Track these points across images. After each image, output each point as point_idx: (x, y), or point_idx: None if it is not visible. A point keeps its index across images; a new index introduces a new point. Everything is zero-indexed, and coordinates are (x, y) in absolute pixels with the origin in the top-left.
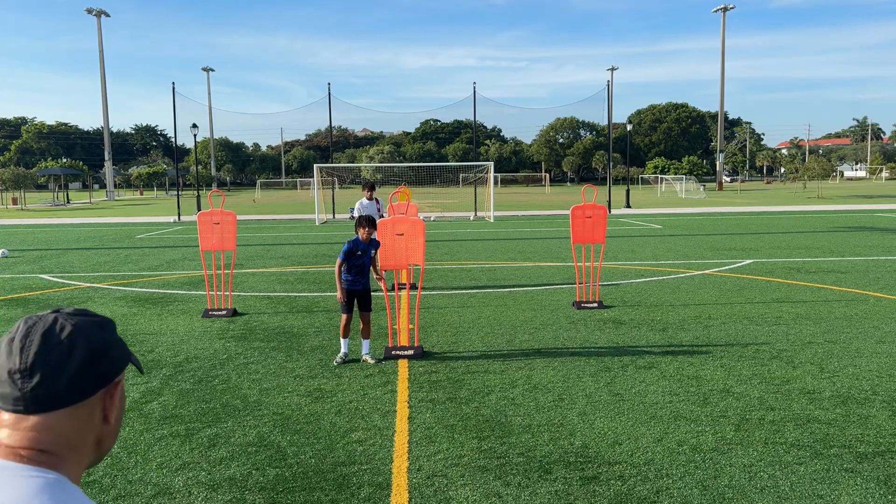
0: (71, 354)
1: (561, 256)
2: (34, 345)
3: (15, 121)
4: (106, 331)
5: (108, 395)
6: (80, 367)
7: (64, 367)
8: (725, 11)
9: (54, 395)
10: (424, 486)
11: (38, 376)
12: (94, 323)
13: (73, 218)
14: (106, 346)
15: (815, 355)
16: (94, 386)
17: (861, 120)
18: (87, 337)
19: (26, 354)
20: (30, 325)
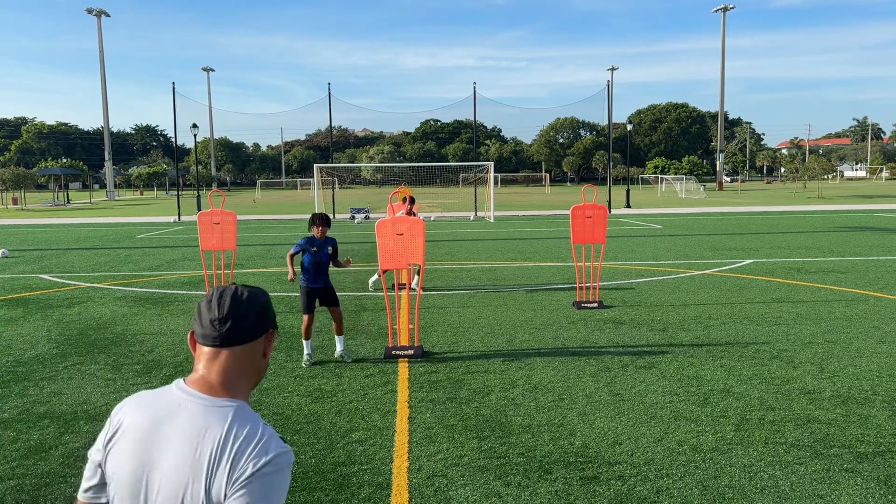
0: (249, 309)
1: (561, 256)
2: (227, 302)
3: (15, 121)
4: (266, 296)
5: (268, 338)
6: (255, 316)
7: (246, 316)
8: (725, 11)
9: (239, 334)
10: (424, 486)
11: (230, 322)
12: (259, 290)
13: (73, 218)
14: (268, 304)
15: (816, 355)
16: (262, 329)
17: (861, 120)
18: (258, 297)
19: (222, 308)
20: (221, 291)
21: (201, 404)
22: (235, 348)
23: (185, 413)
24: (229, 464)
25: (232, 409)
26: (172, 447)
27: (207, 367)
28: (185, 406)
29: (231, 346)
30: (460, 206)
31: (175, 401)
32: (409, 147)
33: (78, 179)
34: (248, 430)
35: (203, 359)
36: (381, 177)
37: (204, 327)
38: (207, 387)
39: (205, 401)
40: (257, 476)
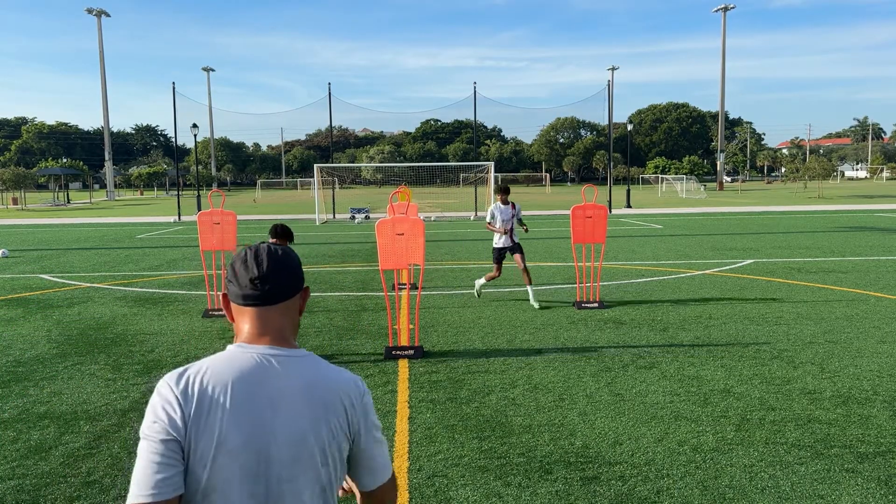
0: (286, 266)
1: (561, 256)
2: (265, 261)
3: (15, 121)
4: (297, 254)
5: (304, 294)
6: (292, 274)
7: (283, 274)
8: (726, 11)
9: (280, 292)
10: (425, 487)
11: (271, 280)
12: (290, 248)
13: (73, 218)
14: (300, 261)
15: (816, 355)
16: (299, 286)
17: (862, 120)
18: (291, 255)
19: (261, 267)
20: (255, 249)
21: (285, 357)
22: (279, 305)
23: (274, 369)
24: (344, 404)
25: (310, 356)
26: (283, 404)
27: (257, 325)
28: (270, 362)
29: (274, 304)
30: (460, 206)
31: (255, 359)
32: (410, 147)
33: (78, 179)
34: (337, 372)
35: (247, 319)
36: (381, 177)
37: (243, 287)
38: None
39: (285, 353)
40: (368, 406)
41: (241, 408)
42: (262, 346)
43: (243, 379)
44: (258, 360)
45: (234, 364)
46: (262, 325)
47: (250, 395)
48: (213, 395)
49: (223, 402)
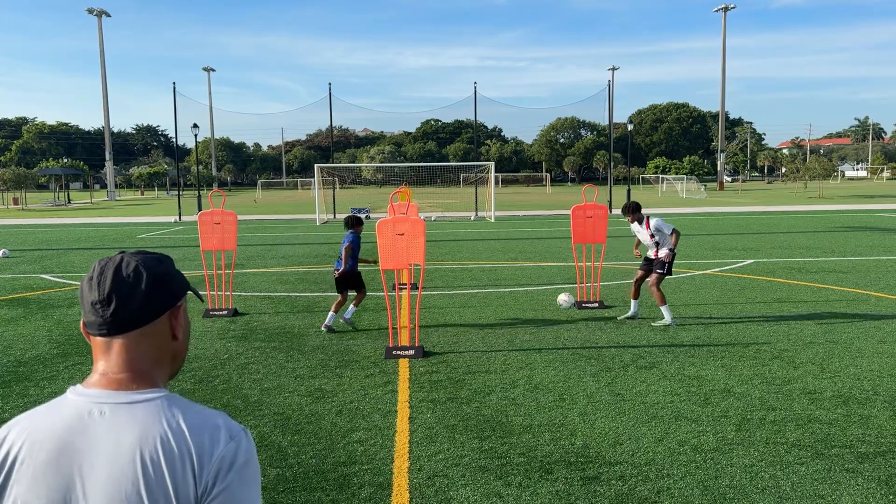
0: (137, 284)
1: (562, 256)
2: (108, 280)
3: (16, 121)
4: (164, 264)
5: (172, 316)
6: (146, 294)
7: (132, 295)
8: (726, 11)
9: (128, 318)
10: (425, 487)
11: (114, 304)
12: (153, 258)
13: (73, 218)
14: (167, 275)
15: (817, 355)
16: (159, 308)
17: (862, 120)
18: (149, 269)
19: (103, 287)
20: (103, 265)
21: (120, 403)
22: (130, 335)
23: (102, 420)
24: (191, 464)
25: (160, 399)
26: (99, 464)
27: (105, 360)
28: (100, 411)
29: (123, 333)
30: (461, 206)
31: (81, 409)
32: (410, 147)
33: (79, 179)
34: (196, 420)
35: (98, 352)
36: (381, 177)
37: (87, 313)
38: (115, 383)
39: (121, 398)
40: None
41: (47, 473)
42: (96, 389)
43: (60, 434)
44: (85, 409)
45: (55, 414)
46: (105, 360)
47: (60, 456)
48: (24, 455)
49: (29, 465)
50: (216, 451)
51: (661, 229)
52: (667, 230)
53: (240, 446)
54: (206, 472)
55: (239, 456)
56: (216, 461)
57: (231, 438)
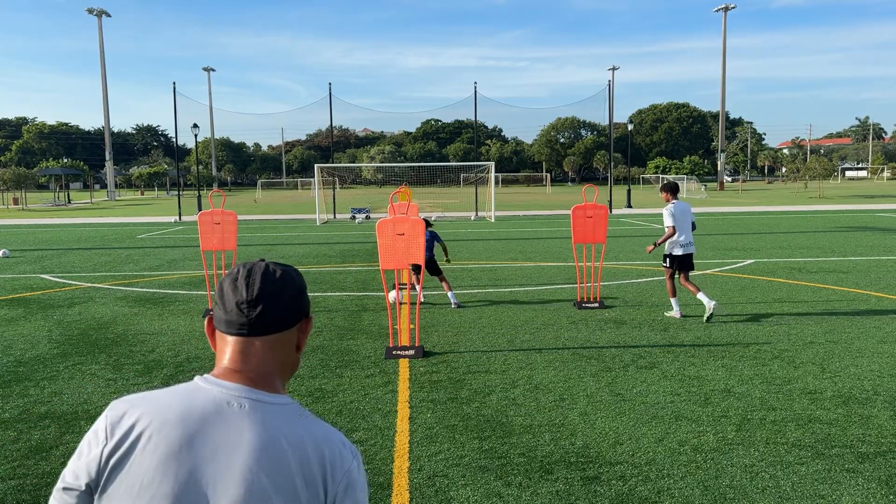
0: (284, 290)
1: (562, 256)
2: (257, 282)
3: (16, 121)
4: (301, 276)
5: (302, 328)
6: (290, 300)
7: (280, 299)
8: (726, 11)
9: (272, 321)
10: (425, 487)
11: (262, 305)
12: (294, 270)
13: (74, 218)
14: (304, 286)
15: (817, 355)
16: (297, 317)
17: (863, 120)
18: (293, 278)
19: (252, 289)
20: (249, 268)
21: (257, 401)
22: (267, 338)
23: (242, 412)
24: (322, 473)
25: (293, 405)
26: (235, 454)
27: (237, 358)
28: (239, 404)
29: (262, 336)
30: (461, 206)
31: (219, 398)
32: (410, 147)
33: (79, 179)
34: (327, 432)
35: (229, 350)
36: (381, 177)
37: (229, 312)
38: (250, 381)
39: (259, 395)
40: (355, 484)
41: (178, 453)
42: (232, 382)
43: (190, 418)
44: (218, 399)
45: (187, 399)
46: (242, 359)
47: (191, 440)
48: (150, 432)
49: (156, 443)
50: (345, 464)
51: (664, 218)
52: (666, 220)
53: (360, 464)
54: (338, 482)
55: (362, 472)
56: (346, 474)
57: (354, 456)
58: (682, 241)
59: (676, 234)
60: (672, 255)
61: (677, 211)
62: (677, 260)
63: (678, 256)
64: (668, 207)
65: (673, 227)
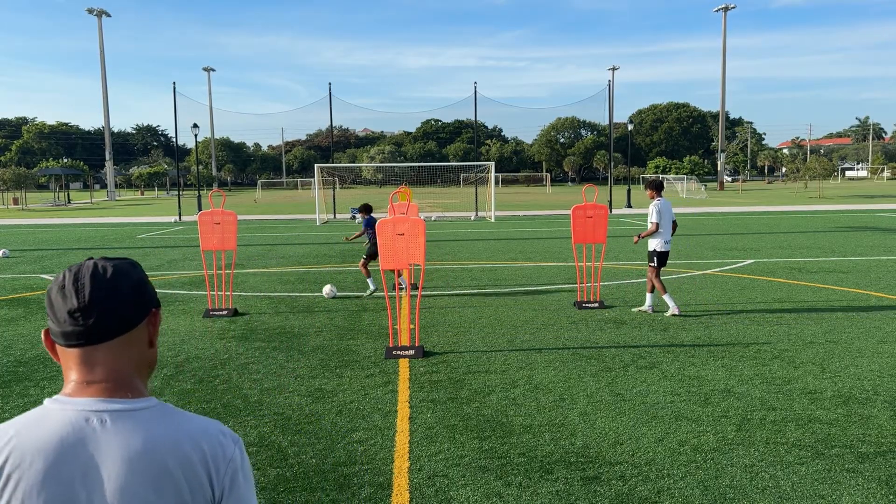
0: (118, 288)
1: (562, 256)
2: (87, 286)
3: (16, 121)
4: (137, 269)
5: (150, 322)
6: (128, 299)
7: (115, 299)
8: (726, 11)
9: (111, 325)
10: (425, 487)
11: (96, 310)
12: (128, 263)
13: (74, 218)
14: (142, 280)
15: (817, 355)
16: (140, 314)
17: (863, 119)
18: (127, 274)
19: (82, 294)
20: (75, 271)
21: (120, 411)
22: (111, 343)
23: (105, 429)
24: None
25: (158, 407)
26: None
27: (85, 371)
28: (99, 420)
29: (104, 342)
30: (461, 206)
31: (75, 418)
32: (410, 147)
33: (79, 179)
34: (201, 426)
35: (73, 364)
36: (381, 177)
37: (62, 323)
38: (105, 392)
39: (118, 405)
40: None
41: (43, 486)
42: (86, 398)
43: (48, 448)
44: (75, 420)
45: (43, 426)
46: (89, 370)
47: (56, 470)
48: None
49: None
50: (228, 453)
51: (650, 214)
52: (652, 216)
53: (242, 450)
54: (223, 475)
55: (245, 458)
56: (230, 463)
57: (234, 443)
58: (667, 238)
59: (662, 230)
60: (660, 253)
61: (663, 208)
62: (664, 257)
63: (664, 253)
64: (654, 203)
65: (657, 224)
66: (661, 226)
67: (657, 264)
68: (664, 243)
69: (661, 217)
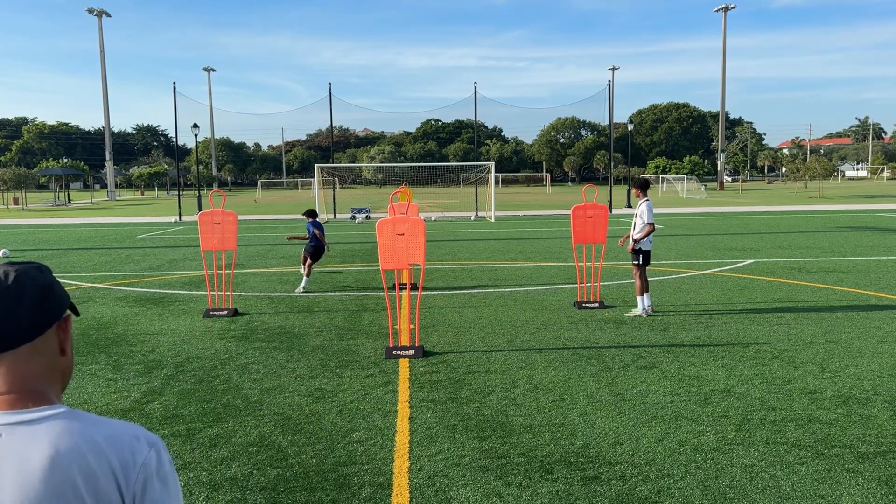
0: (21, 296)
1: (562, 256)
2: None
3: (16, 121)
4: (45, 273)
5: (60, 328)
6: (32, 306)
7: (18, 308)
8: (726, 11)
9: (14, 332)
10: (425, 487)
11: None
12: (33, 267)
13: (74, 218)
14: (49, 285)
15: (817, 355)
16: (47, 320)
17: (863, 119)
18: (32, 279)
19: None
20: None
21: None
22: (16, 352)
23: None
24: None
25: (63, 414)
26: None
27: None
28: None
29: (8, 351)
30: (461, 206)
31: None
32: (410, 147)
33: (79, 179)
34: (112, 432)
35: None
36: (381, 177)
37: None
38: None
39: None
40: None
41: None
42: None
43: None
44: None
45: None
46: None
47: None
48: None
49: None
50: (139, 460)
51: (642, 215)
52: (646, 217)
53: (160, 454)
54: (133, 482)
55: (163, 463)
56: (140, 470)
57: (150, 447)
58: (652, 237)
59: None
60: (645, 252)
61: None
62: (649, 255)
63: (649, 252)
64: (647, 203)
65: (653, 224)
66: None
67: (642, 263)
68: (648, 242)
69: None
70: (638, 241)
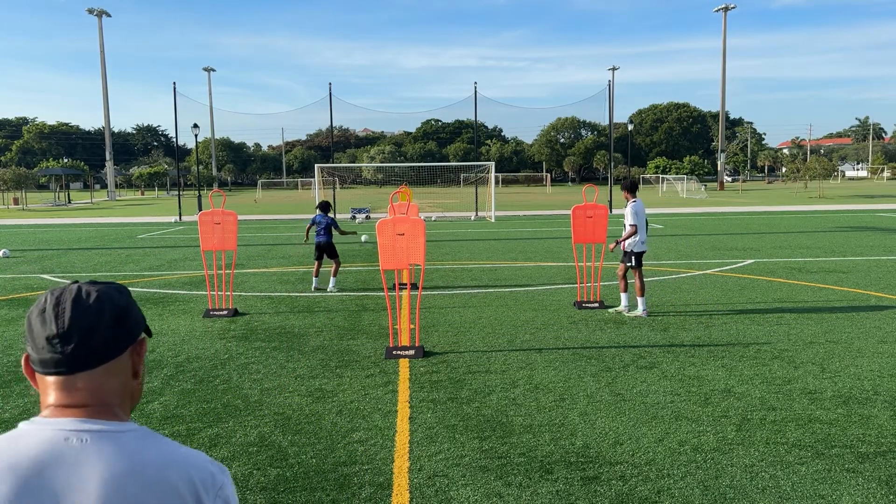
0: (101, 316)
1: (562, 256)
2: (67, 311)
3: (16, 121)
4: (124, 294)
5: (135, 351)
6: (110, 327)
7: (96, 328)
8: (727, 11)
9: (92, 353)
10: (425, 487)
11: (76, 338)
12: (113, 288)
13: (74, 218)
14: (128, 307)
15: (817, 355)
16: (124, 343)
17: (863, 119)
18: (112, 300)
19: (62, 320)
20: (57, 295)
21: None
22: (92, 373)
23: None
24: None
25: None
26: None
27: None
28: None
29: (85, 371)
30: (461, 206)
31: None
32: (410, 147)
33: (79, 179)
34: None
35: (52, 390)
36: (382, 177)
37: (40, 349)
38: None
39: (99, 426)
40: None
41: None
42: (64, 419)
43: (21, 466)
44: (53, 439)
45: (14, 446)
46: (67, 396)
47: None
48: None
49: None
50: (217, 482)
51: (628, 217)
52: (630, 219)
53: (230, 481)
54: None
55: (233, 490)
56: (220, 491)
57: (222, 472)
58: (643, 238)
59: (639, 232)
60: (637, 254)
61: (640, 209)
62: (641, 257)
63: (641, 253)
64: (632, 205)
65: (636, 226)
66: (638, 227)
67: (635, 264)
68: (641, 243)
69: (638, 218)
70: (623, 242)
